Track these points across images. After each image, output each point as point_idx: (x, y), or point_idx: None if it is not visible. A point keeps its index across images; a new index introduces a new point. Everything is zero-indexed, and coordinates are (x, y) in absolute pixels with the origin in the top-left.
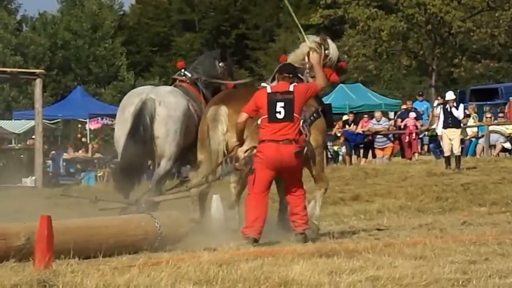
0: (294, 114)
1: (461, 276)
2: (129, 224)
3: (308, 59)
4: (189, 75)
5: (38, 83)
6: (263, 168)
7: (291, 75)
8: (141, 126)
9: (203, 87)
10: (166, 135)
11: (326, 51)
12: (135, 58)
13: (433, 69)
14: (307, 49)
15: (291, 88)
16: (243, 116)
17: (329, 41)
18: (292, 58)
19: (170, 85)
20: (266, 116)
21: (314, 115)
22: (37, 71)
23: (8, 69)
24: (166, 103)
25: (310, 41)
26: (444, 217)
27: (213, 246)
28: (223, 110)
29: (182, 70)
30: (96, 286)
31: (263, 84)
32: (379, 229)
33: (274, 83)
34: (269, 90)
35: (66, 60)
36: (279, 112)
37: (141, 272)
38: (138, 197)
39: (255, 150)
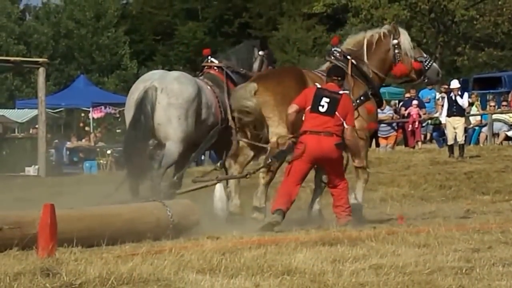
0: (336, 112)
1: (465, 264)
2: (141, 211)
3: (367, 44)
4: (216, 61)
5: (41, 72)
6: (302, 159)
7: (339, 78)
8: (142, 115)
9: (232, 74)
10: (168, 122)
11: (394, 41)
12: (138, 47)
13: (436, 57)
14: (364, 36)
15: (341, 91)
16: (293, 107)
17: (401, 30)
18: (349, 41)
19: (199, 72)
20: (310, 107)
21: (362, 98)
22: (40, 60)
23: (12, 58)
24: (168, 90)
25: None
26: (448, 206)
27: (216, 235)
28: (252, 85)
29: (209, 57)
30: (99, 274)
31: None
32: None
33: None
34: (318, 86)
35: (69, 49)
36: (323, 106)
37: (144, 260)
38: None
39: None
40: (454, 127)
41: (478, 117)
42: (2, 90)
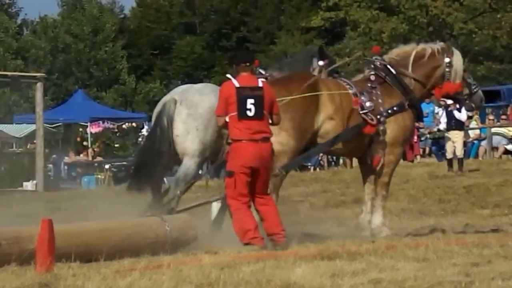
0: (264, 112)
1: (464, 278)
2: (140, 227)
3: (416, 56)
4: (263, 72)
5: (39, 87)
6: (243, 171)
7: (248, 63)
8: (158, 128)
9: None
10: (186, 133)
11: (447, 59)
12: (136, 62)
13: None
14: (414, 47)
15: (259, 82)
16: (221, 120)
17: (455, 50)
18: (395, 50)
19: None
20: (237, 113)
21: (395, 108)
22: (38, 74)
23: (9, 73)
24: (188, 102)
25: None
26: (447, 220)
27: (214, 249)
28: None
29: (257, 68)
30: None
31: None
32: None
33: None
34: (237, 85)
35: (67, 63)
36: (250, 109)
37: (142, 276)
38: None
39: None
40: (453, 141)
41: (477, 131)
42: (0, 105)
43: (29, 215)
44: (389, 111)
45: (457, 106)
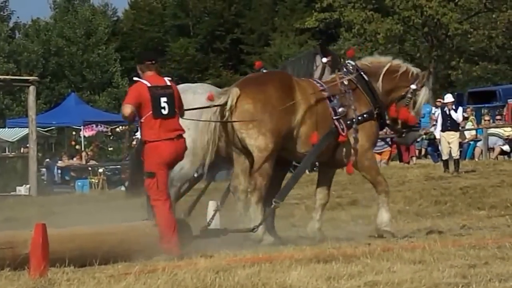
0: (176, 110)
1: (461, 280)
2: (133, 231)
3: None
4: None
5: (32, 90)
6: (163, 170)
7: (153, 61)
8: None
9: None
10: None
11: (413, 87)
12: (129, 64)
13: (430, 71)
14: (390, 60)
15: (167, 81)
16: (128, 107)
17: (427, 87)
18: (368, 58)
19: None
20: (152, 112)
21: (365, 115)
22: (31, 78)
23: (1, 77)
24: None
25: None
26: (443, 221)
27: (209, 253)
28: (234, 91)
29: (261, 70)
30: None
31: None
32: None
33: None
34: (148, 84)
35: (59, 67)
36: (164, 108)
37: (137, 280)
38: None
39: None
40: (449, 142)
41: (473, 132)
42: None
43: (23, 220)
44: (359, 118)
45: (453, 106)
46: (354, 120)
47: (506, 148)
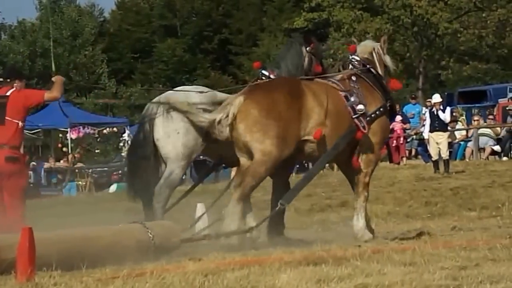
0: (8, 118)
1: (452, 282)
2: (122, 234)
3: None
4: (267, 73)
5: None
6: None
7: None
8: (141, 133)
9: None
10: (166, 137)
11: (387, 58)
12: (116, 65)
13: (420, 71)
14: (372, 46)
15: (8, 92)
16: None
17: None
18: (361, 49)
19: None
20: None
21: (381, 110)
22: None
23: None
24: (171, 104)
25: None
26: (434, 223)
27: (198, 256)
28: (238, 100)
29: (260, 71)
30: None
31: None
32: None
33: None
34: None
35: (46, 68)
36: None
37: (125, 284)
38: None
39: None
40: (437, 142)
41: (464, 132)
42: None
43: (9, 224)
44: (373, 115)
45: (441, 106)
46: (372, 116)
47: (497, 148)
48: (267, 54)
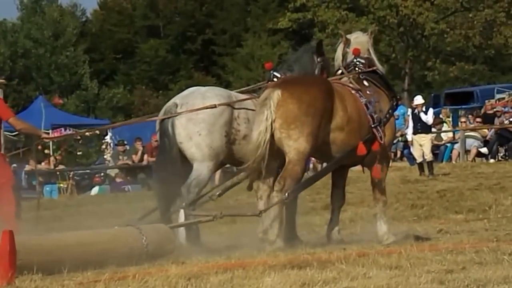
0: None
1: (438, 286)
2: (116, 239)
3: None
4: (279, 75)
5: None
6: None
7: None
8: (166, 138)
9: None
10: (188, 139)
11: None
12: (99, 66)
13: (406, 72)
14: (366, 37)
15: None
16: None
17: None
18: (361, 48)
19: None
20: None
21: (390, 111)
22: None
23: None
24: (189, 106)
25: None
26: (420, 225)
27: (181, 259)
28: (276, 93)
29: (271, 72)
30: None
31: None
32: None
33: None
34: None
35: (27, 69)
36: None
37: (107, 287)
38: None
39: None
40: (421, 144)
41: (450, 134)
42: None
43: None
44: (384, 119)
45: (423, 108)
46: (384, 121)
47: (483, 150)
48: (251, 55)
